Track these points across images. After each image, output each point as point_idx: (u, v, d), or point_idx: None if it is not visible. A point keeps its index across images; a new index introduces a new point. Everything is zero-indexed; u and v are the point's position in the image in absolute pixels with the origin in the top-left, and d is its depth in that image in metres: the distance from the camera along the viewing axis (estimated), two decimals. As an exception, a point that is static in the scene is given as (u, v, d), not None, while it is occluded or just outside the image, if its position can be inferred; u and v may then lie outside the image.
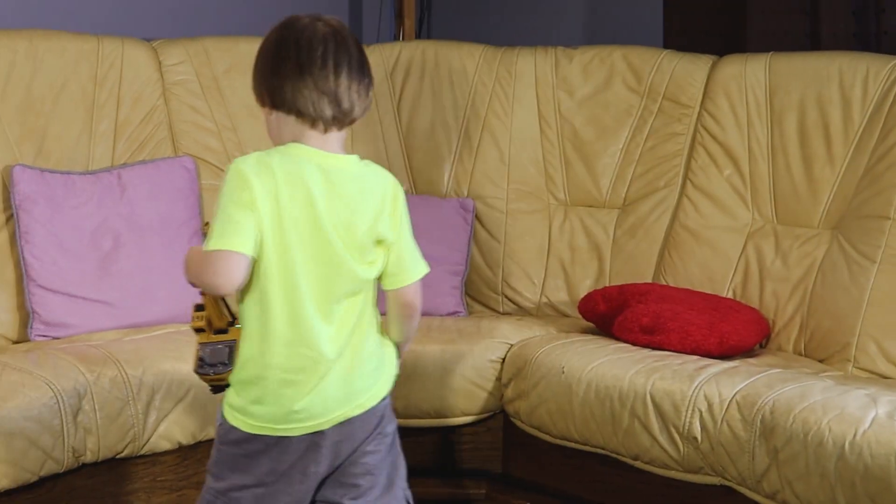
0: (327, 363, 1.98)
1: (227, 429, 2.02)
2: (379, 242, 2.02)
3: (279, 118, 1.99)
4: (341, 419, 2.01)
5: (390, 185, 2.04)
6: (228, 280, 1.92)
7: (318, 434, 2.00)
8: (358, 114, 2.00)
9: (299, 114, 1.97)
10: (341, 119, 1.98)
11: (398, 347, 2.13)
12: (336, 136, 2.00)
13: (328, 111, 1.97)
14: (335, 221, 1.96)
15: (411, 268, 2.08)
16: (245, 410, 2.00)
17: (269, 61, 2.00)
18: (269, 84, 1.99)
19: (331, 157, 1.99)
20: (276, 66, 1.98)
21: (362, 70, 2.00)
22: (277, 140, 2.02)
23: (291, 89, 1.96)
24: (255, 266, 1.95)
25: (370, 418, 2.04)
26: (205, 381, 2.06)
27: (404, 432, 2.92)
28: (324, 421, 2.00)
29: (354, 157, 2.03)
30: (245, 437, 2.00)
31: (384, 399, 2.07)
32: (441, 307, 3.25)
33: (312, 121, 1.97)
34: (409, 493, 2.14)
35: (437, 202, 3.41)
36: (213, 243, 1.91)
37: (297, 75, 1.96)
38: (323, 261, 1.97)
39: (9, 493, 2.43)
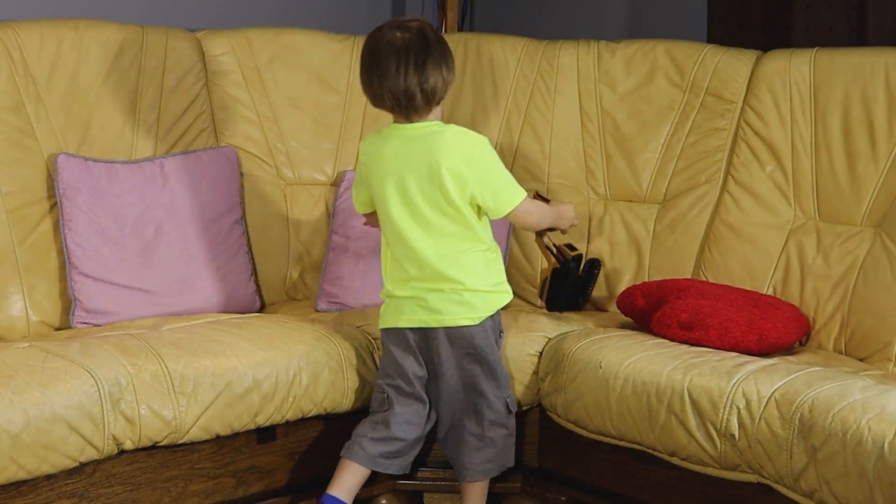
0: None
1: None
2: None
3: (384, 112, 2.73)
4: None
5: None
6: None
7: None
8: (436, 97, 2.66)
9: (391, 112, 2.70)
10: (417, 108, 2.66)
11: None
12: (425, 119, 2.68)
13: (408, 109, 2.65)
14: None
15: None
16: None
17: (363, 77, 2.70)
18: (368, 94, 2.71)
19: (413, 128, 2.70)
20: (369, 81, 2.68)
21: (425, 65, 2.62)
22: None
23: (378, 99, 2.69)
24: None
25: None
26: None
27: (441, 425, 2.95)
28: None
29: (434, 123, 2.71)
30: None
31: None
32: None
33: (401, 117, 2.70)
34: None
35: (477, 195, 3.41)
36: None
37: (379, 88, 2.66)
38: None
39: (49, 477, 2.46)
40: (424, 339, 2.74)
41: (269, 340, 2.78)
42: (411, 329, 2.73)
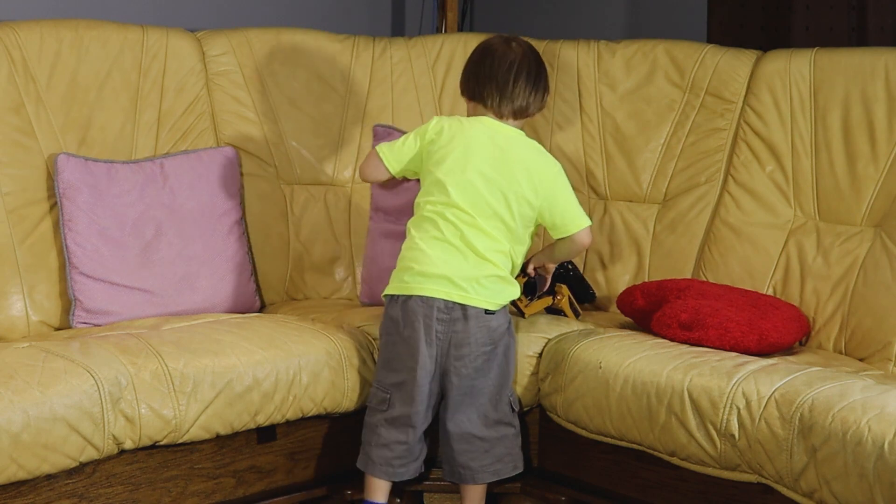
0: None
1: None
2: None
3: (475, 105, 2.85)
4: None
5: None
6: (365, 175, 2.97)
7: None
8: (531, 111, 2.85)
9: (486, 105, 2.82)
10: (514, 112, 2.82)
11: None
12: (512, 123, 2.83)
13: (505, 107, 2.80)
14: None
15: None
16: None
17: (472, 68, 2.86)
18: (471, 84, 2.84)
19: (503, 127, 2.82)
20: (477, 73, 2.83)
21: (537, 81, 2.83)
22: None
23: (483, 90, 2.81)
24: None
25: None
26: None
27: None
28: None
29: (521, 132, 2.85)
30: None
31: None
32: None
33: (494, 112, 2.82)
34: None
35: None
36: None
37: (487, 81, 2.81)
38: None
39: (49, 477, 2.46)
40: (450, 321, 2.71)
41: (270, 340, 2.78)
42: (439, 300, 2.71)
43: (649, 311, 2.96)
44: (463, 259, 2.73)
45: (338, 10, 4.14)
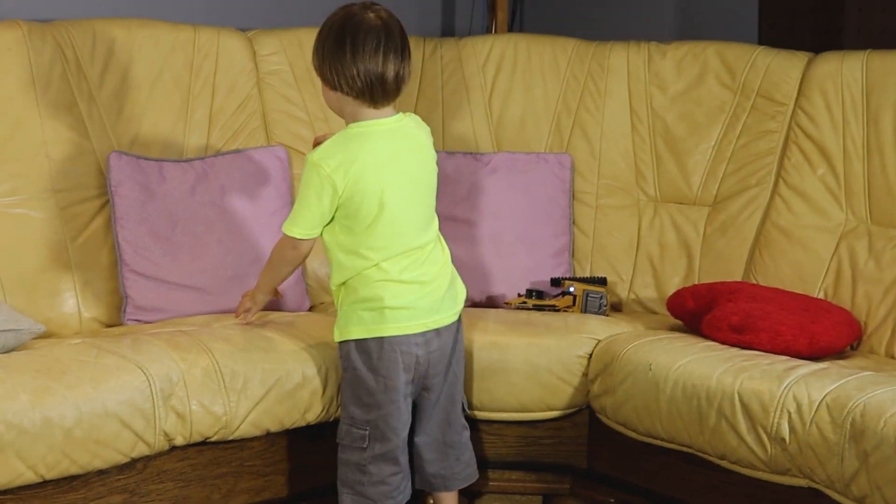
0: None
1: None
2: None
3: (340, 97, 2.49)
4: None
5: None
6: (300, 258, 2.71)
7: None
8: (402, 88, 2.50)
9: (356, 95, 2.47)
10: (389, 96, 2.49)
11: None
12: (387, 108, 2.51)
13: (378, 91, 2.46)
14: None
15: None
16: None
17: (329, 47, 2.46)
18: (329, 67, 2.46)
19: (392, 124, 2.53)
20: (335, 52, 2.45)
21: (403, 53, 2.48)
22: (339, 113, 2.54)
23: (346, 73, 2.44)
24: None
25: None
26: None
27: (489, 425, 2.95)
28: None
29: (408, 115, 2.59)
30: None
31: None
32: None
33: (368, 101, 2.47)
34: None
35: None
36: None
37: (352, 61, 2.43)
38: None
39: (101, 472, 2.48)
40: (426, 342, 2.60)
41: (320, 338, 2.79)
42: (417, 335, 2.58)
43: (699, 313, 2.95)
44: (429, 286, 2.59)
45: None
